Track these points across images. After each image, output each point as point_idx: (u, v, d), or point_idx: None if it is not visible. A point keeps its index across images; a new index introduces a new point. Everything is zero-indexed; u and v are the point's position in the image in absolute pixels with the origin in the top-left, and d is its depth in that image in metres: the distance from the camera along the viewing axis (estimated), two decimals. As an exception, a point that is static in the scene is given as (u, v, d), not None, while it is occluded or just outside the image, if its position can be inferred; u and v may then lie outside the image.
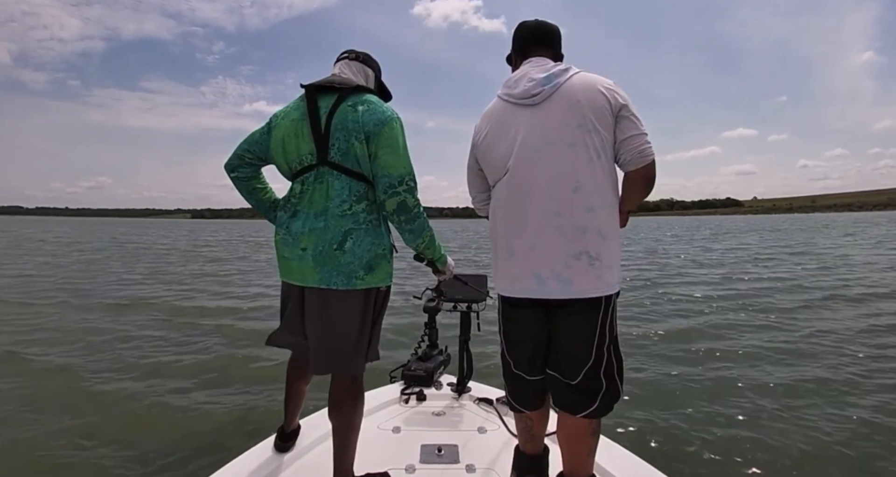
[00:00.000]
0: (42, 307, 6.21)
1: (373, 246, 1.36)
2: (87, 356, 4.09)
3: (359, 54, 1.52)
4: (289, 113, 1.42)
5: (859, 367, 3.58)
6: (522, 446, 1.47)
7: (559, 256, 1.22)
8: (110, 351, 4.26)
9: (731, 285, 7.87)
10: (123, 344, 4.49)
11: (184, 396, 3.19)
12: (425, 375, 2.23)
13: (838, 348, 4.04)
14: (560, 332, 1.28)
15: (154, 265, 12.23)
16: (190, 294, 7.63)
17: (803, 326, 4.86)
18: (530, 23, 1.41)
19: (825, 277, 8.46)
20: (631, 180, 1.29)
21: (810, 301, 6.27)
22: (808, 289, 7.26)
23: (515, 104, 1.30)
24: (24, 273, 9.88)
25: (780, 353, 3.99)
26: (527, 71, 1.31)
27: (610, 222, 1.25)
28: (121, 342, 4.55)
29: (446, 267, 1.63)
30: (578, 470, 1.31)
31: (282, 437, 1.64)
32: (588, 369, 1.25)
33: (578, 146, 1.21)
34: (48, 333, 4.86)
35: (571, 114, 1.22)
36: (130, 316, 5.82)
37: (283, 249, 1.41)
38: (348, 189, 1.34)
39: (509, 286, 1.33)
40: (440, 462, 1.62)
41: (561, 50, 1.41)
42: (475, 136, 1.42)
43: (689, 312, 5.84)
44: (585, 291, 1.22)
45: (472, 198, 1.57)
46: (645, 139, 1.23)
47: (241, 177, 1.54)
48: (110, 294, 7.42)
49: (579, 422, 1.28)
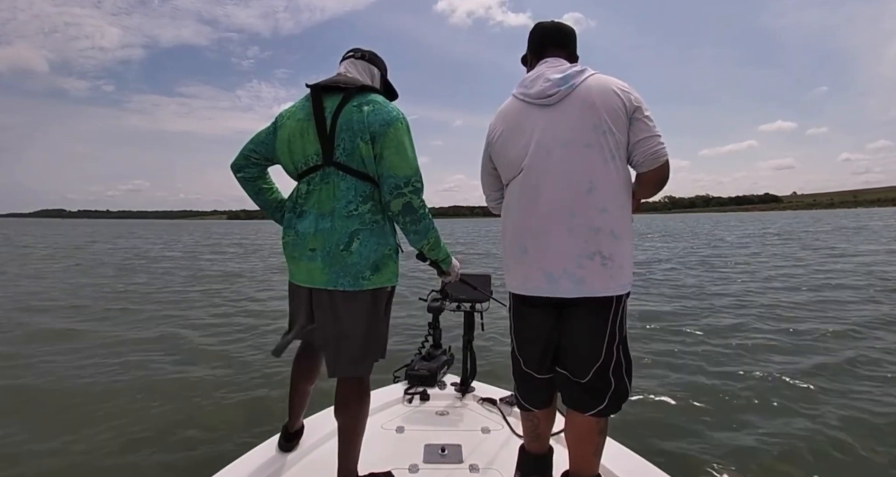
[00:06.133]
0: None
1: (379, 246, 1.36)
2: (89, 355, 4.09)
3: (364, 53, 1.51)
4: (294, 113, 1.41)
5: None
6: (528, 445, 1.48)
7: (572, 255, 1.22)
8: (111, 350, 4.26)
9: (739, 285, 7.80)
10: (125, 343, 4.49)
11: (185, 396, 3.18)
12: (429, 375, 2.23)
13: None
14: (571, 330, 1.29)
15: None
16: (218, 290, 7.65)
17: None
18: (546, 23, 1.42)
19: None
20: (644, 181, 1.30)
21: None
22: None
23: (531, 104, 1.31)
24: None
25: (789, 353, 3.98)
26: (543, 71, 1.32)
27: (623, 223, 1.25)
28: (122, 341, 4.55)
29: (451, 268, 1.61)
30: (584, 469, 1.32)
31: (286, 436, 1.63)
32: (598, 368, 1.26)
33: (594, 147, 1.22)
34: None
35: (587, 115, 1.22)
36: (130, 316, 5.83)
37: (292, 251, 1.41)
38: (354, 190, 1.34)
39: (521, 284, 1.33)
40: (444, 462, 1.62)
41: (576, 51, 1.42)
42: (489, 135, 1.42)
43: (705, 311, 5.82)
44: (597, 290, 1.22)
45: (486, 196, 1.58)
46: (658, 141, 1.24)
47: (248, 177, 1.53)
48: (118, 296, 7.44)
49: (587, 420, 1.28)
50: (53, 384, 3.38)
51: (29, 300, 6.78)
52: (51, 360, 3.95)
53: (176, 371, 3.70)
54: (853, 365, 3.62)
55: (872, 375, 3.39)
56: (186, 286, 8.59)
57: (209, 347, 4.41)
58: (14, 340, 4.58)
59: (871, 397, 3.01)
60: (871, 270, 9.03)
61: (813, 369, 3.56)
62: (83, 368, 3.74)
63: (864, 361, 3.71)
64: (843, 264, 10.17)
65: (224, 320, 5.63)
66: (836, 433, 2.55)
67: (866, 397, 3.01)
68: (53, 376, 3.54)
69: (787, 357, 3.89)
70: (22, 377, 3.52)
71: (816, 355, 3.91)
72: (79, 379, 3.49)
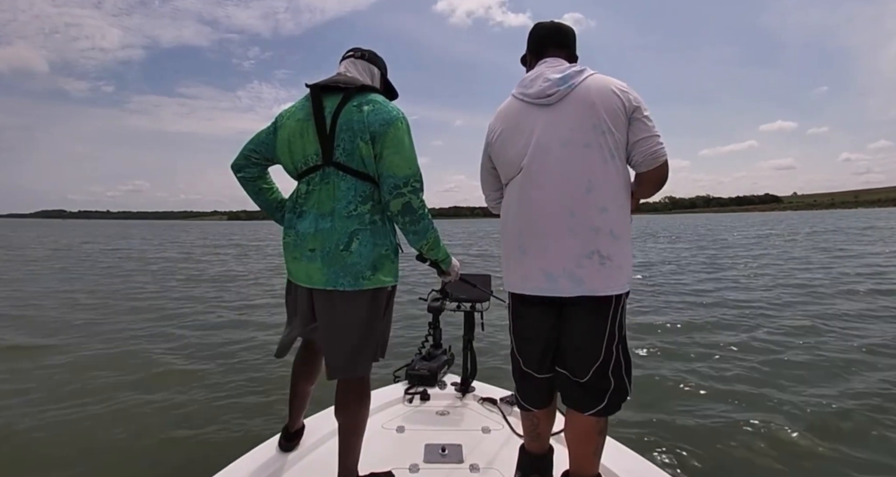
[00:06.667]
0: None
1: (378, 246, 1.36)
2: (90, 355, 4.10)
3: (364, 52, 1.50)
4: (294, 113, 1.41)
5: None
6: (528, 445, 1.48)
7: (571, 255, 1.23)
8: (111, 350, 4.26)
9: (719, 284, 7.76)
10: (124, 343, 4.50)
11: (185, 396, 3.19)
12: (429, 375, 2.23)
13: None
14: (570, 330, 1.29)
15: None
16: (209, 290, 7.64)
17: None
18: (546, 23, 1.43)
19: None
20: (643, 181, 1.31)
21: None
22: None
23: (531, 104, 1.31)
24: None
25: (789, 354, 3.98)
26: (542, 71, 1.32)
27: (622, 222, 1.26)
28: (123, 340, 4.56)
29: (451, 268, 1.61)
30: (584, 468, 1.32)
31: (286, 436, 1.63)
32: (597, 368, 1.26)
33: (593, 147, 1.22)
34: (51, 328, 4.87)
35: (587, 115, 1.23)
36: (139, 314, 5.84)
37: (292, 251, 1.41)
38: (354, 190, 1.34)
39: (520, 284, 1.33)
40: (444, 462, 1.62)
41: (576, 51, 1.42)
42: (489, 135, 1.43)
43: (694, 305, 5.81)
44: (596, 289, 1.22)
45: (485, 196, 1.58)
46: (657, 141, 1.24)
47: (248, 177, 1.53)
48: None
49: (587, 420, 1.28)
50: (55, 382, 3.38)
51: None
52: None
53: (176, 372, 3.71)
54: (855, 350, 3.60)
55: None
56: (189, 285, 8.60)
57: (209, 347, 4.41)
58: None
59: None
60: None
61: (814, 371, 3.56)
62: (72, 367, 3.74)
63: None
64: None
65: (224, 320, 5.63)
66: (838, 434, 2.54)
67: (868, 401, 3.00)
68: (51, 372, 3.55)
69: (787, 358, 3.89)
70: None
71: (818, 357, 3.90)
72: (72, 378, 3.49)
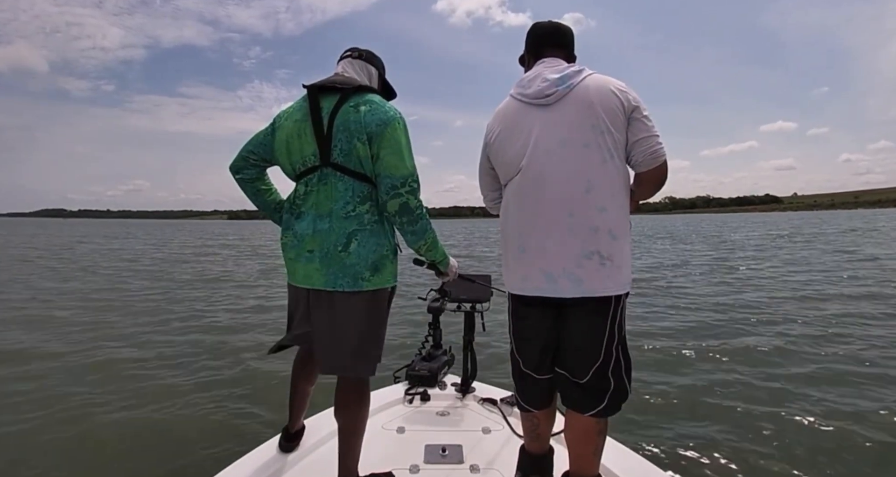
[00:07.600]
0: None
1: (377, 247, 1.36)
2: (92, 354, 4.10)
3: (362, 52, 1.50)
4: (292, 113, 1.41)
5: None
6: (528, 446, 1.48)
7: (571, 255, 1.22)
8: (111, 349, 4.27)
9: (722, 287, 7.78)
10: (124, 343, 4.51)
11: (185, 397, 3.19)
12: (429, 375, 2.23)
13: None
14: (570, 330, 1.29)
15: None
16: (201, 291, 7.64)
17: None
18: (544, 23, 1.42)
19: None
20: (642, 181, 1.30)
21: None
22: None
23: (529, 104, 1.31)
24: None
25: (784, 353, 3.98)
26: (540, 71, 1.32)
27: (621, 223, 1.25)
28: (123, 340, 4.57)
29: (449, 268, 1.61)
30: (584, 469, 1.32)
31: (286, 436, 1.63)
32: (597, 368, 1.25)
33: (592, 147, 1.22)
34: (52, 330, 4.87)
35: (585, 115, 1.22)
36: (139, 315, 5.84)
37: (290, 252, 1.41)
38: (352, 190, 1.33)
39: (520, 284, 1.33)
40: (444, 462, 1.61)
41: (574, 51, 1.42)
42: (487, 136, 1.42)
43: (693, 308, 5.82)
44: (596, 290, 1.22)
45: (484, 196, 1.58)
46: (657, 141, 1.24)
47: (247, 178, 1.53)
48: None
49: (587, 421, 1.28)
50: (57, 381, 3.39)
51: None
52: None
53: (176, 372, 3.71)
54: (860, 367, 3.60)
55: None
56: (193, 284, 8.61)
57: (208, 348, 4.41)
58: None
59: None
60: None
61: (814, 371, 3.55)
62: (74, 366, 3.74)
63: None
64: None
65: (223, 320, 5.64)
66: (840, 436, 2.54)
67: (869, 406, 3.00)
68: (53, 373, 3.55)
69: (787, 358, 3.89)
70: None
71: (818, 360, 3.90)
72: (73, 378, 3.50)
